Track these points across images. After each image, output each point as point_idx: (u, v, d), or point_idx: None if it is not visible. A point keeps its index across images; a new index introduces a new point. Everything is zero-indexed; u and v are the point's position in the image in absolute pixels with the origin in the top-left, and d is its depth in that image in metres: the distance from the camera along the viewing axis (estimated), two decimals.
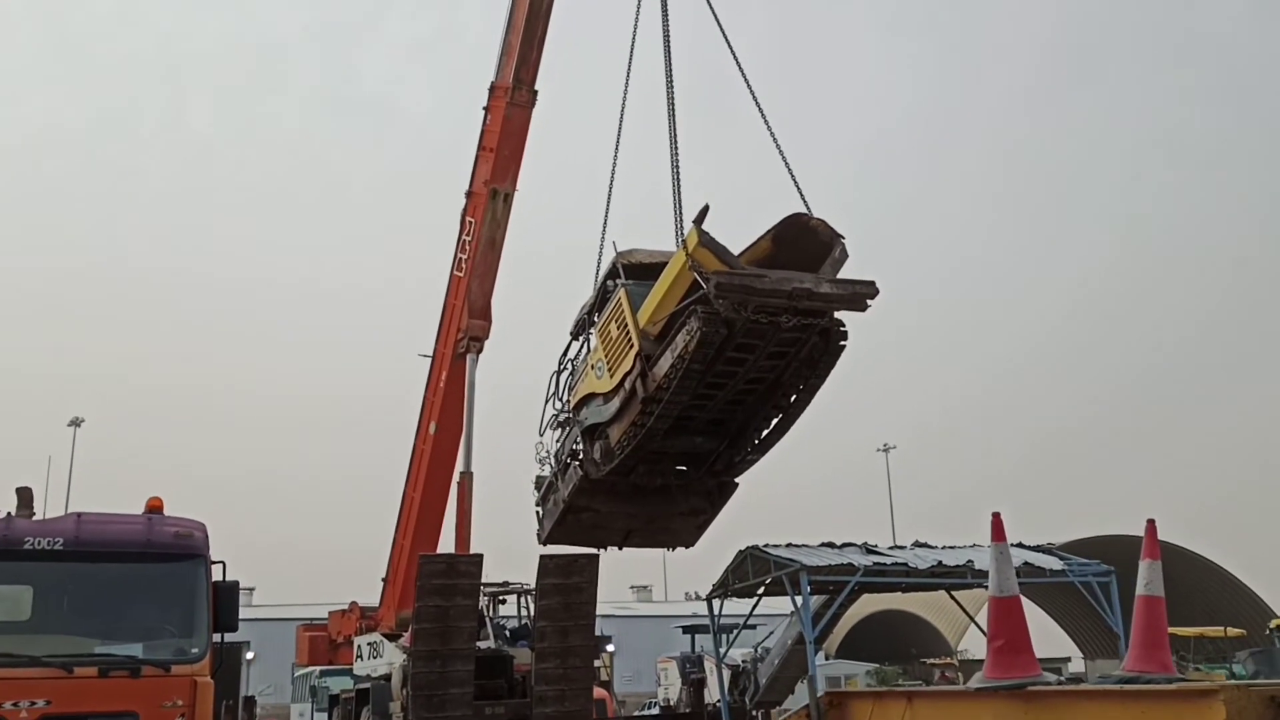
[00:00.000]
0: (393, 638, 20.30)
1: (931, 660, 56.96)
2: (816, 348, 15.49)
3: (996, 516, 6.74)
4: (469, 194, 21.36)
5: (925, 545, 24.69)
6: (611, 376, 16.06)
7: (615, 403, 16.07)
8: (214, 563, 10.08)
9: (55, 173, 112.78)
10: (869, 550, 23.40)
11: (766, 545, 22.46)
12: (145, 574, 9.90)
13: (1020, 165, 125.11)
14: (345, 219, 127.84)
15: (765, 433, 17.02)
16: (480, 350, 21.00)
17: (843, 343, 15.48)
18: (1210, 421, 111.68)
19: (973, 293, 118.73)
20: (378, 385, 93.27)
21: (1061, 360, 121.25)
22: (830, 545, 23.38)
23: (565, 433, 18.06)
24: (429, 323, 22.32)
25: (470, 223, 21.19)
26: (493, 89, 21.13)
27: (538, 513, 19.04)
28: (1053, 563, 23.61)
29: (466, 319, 20.87)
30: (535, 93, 20.95)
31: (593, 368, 16.66)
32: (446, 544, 21.09)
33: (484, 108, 21.30)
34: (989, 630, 6.56)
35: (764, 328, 14.54)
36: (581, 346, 17.80)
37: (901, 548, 24.92)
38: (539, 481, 18.99)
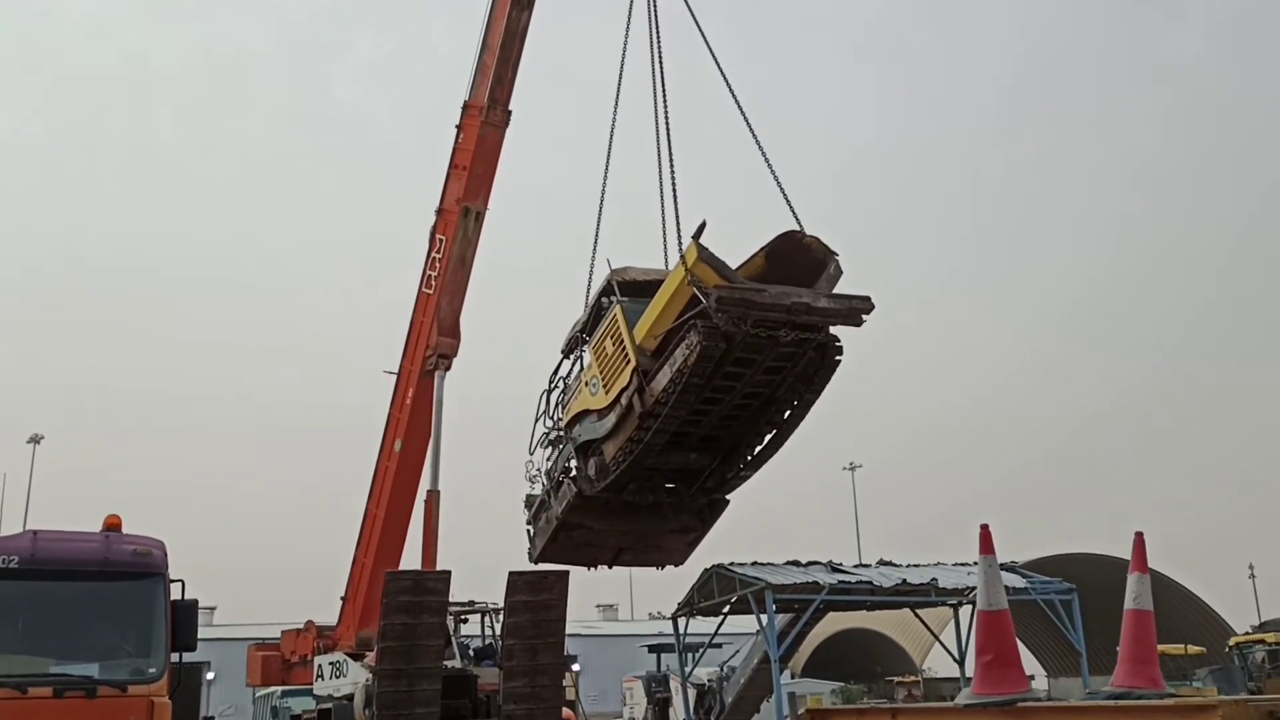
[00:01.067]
0: (356, 657, 20.08)
1: (897, 679, 57.11)
2: (812, 362, 15.66)
3: (985, 529, 6.66)
4: (439, 211, 21.33)
5: (890, 564, 24.83)
6: (607, 393, 16.17)
7: (611, 418, 16.13)
8: (173, 581, 9.92)
9: (17, 184, 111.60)
10: (834, 569, 23.51)
11: (732, 564, 22.51)
12: (102, 593, 9.75)
13: (990, 191, 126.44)
14: (311, 232, 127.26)
15: (758, 449, 17.09)
16: (448, 368, 21.00)
17: (838, 357, 15.64)
18: (1173, 447, 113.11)
19: (944, 318, 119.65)
20: (345, 399, 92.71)
21: (1030, 386, 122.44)
22: (796, 564, 23.46)
23: (558, 450, 18.06)
24: (392, 337, 22.23)
25: (440, 240, 21.17)
26: (466, 107, 21.15)
27: (529, 531, 19.01)
28: (1015, 580, 23.81)
29: (436, 336, 20.85)
30: (509, 112, 21.06)
31: (586, 385, 16.71)
32: (410, 562, 20.91)
33: (456, 125, 21.32)
34: (977, 645, 6.50)
35: (762, 342, 14.67)
36: (573, 365, 17.98)
37: (867, 566, 25.05)
38: (529, 500, 18.97)
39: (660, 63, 17.73)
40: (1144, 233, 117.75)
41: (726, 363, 15.02)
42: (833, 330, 15.49)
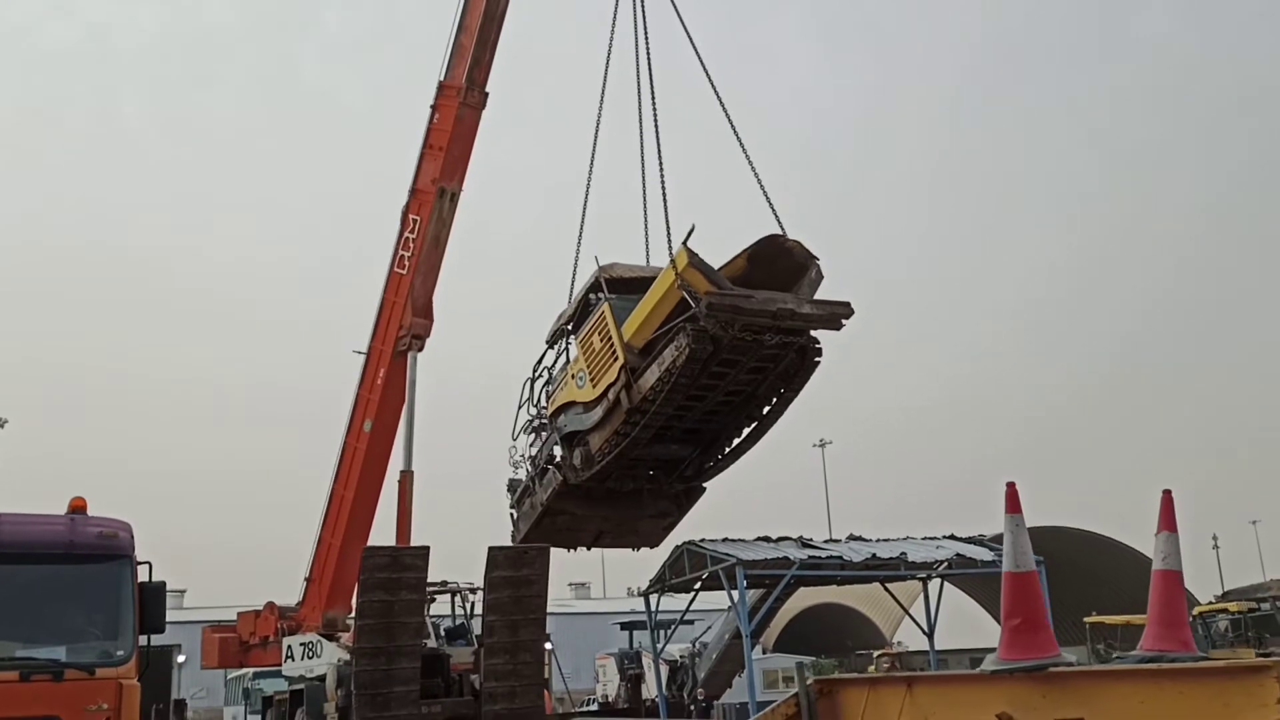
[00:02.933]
0: (330, 638, 20.04)
1: (879, 651, 57.48)
2: (793, 363, 16.38)
3: (1011, 487, 6.24)
4: (413, 191, 21.18)
5: (860, 539, 24.99)
6: (594, 386, 16.66)
7: (598, 412, 16.70)
8: (140, 563, 9.86)
9: None
10: (805, 544, 23.64)
11: (703, 540, 22.59)
12: (68, 576, 9.68)
13: (958, 170, 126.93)
14: (278, 211, 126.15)
15: (737, 441, 17.92)
16: (421, 348, 20.92)
17: (817, 359, 16.39)
18: (1141, 423, 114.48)
19: (914, 294, 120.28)
20: (311, 380, 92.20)
21: (997, 366, 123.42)
22: (766, 539, 23.59)
23: (543, 439, 18.69)
24: (359, 316, 22.10)
25: (415, 220, 21.01)
26: (442, 88, 20.99)
27: (512, 514, 19.67)
28: (984, 554, 24.02)
29: (410, 316, 20.76)
30: (486, 94, 20.99)
31: (573, 377, 17.26)
32: (378, 542, 20.84)
33: (431, 105, 21.14)
34: (1005, 608, 6.14)
35: (748, 344, 15.37)
36: (558, 356, 18.34)
37: (837, 541, 25.20)
38: (512, 485, 19.64)
39: (650, 73, 18.04)
40: (1111, 211, 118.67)
41: (713, 363, 15.67)
42: (812, 333, 16.24)
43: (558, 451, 18.09)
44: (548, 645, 20.66)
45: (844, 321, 15.68)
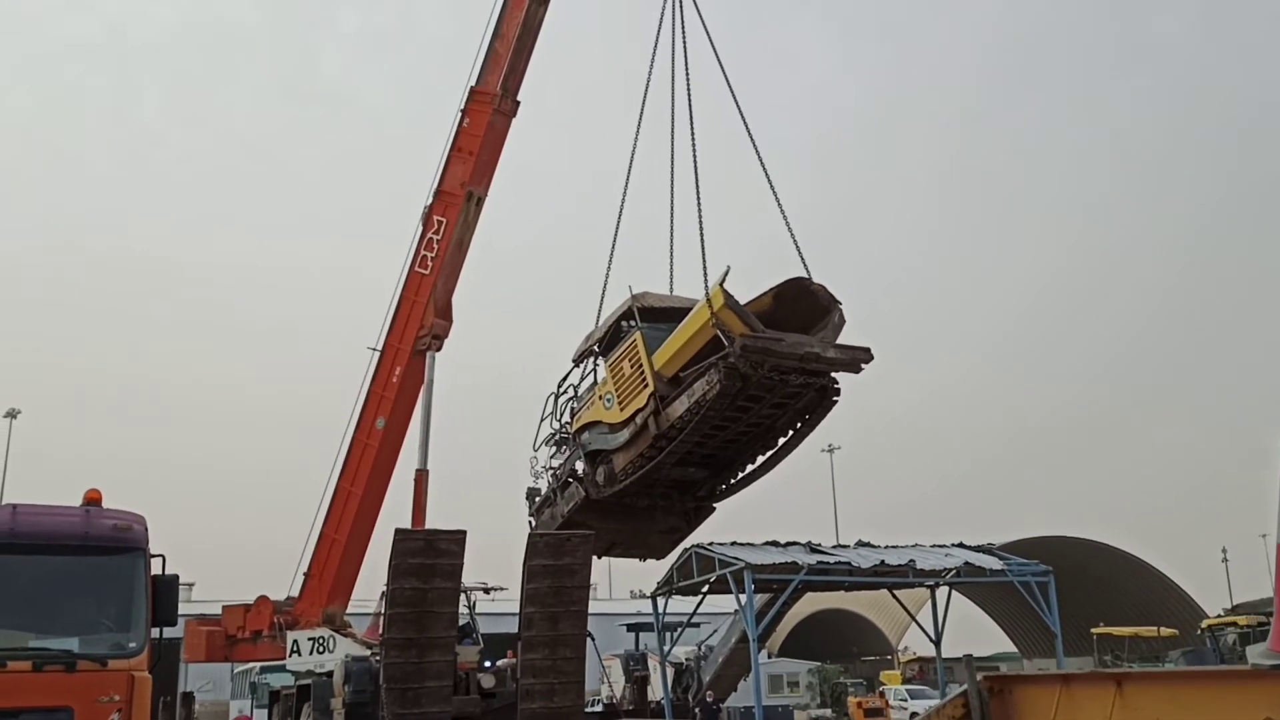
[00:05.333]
0: (341, 633, 20.09)
1: (906, 658, 57.29)
2: (812, 401, 17.36)
3: None
4: (439, 192, 21.29)
5: (868, 545, 24.99)
6: (622, 409, 17.55)
7: (624, 434, 17.68)
8: (153, 556, 9.90)
9: None
10: (813, 549, 23.64)
11: (711, 544, 22.61)
12: (82, 567, 9.71)
13: (968, 173, 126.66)
14: (293, 209, 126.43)
15: (750, 469, 18.80)
16: (439, 348, 21.09)
17: (835, 398, 17.39)
18: (1149, 431, 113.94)
19: (921, 299, 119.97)
20: (318, 378, 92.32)
21: (1006, 369, 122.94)
22: (775, 544, 23.62)
23: (566, 453, 19.47)
24: (368, 315, 22.22)
25: (440, 222, 21.14)
26: (474, 93, 21.15)
27: (530, 523, 20.09)
28: (992, 562, 24.01)
29: (432, 317, 20.90)
30: (518, 102, 21.20)
31: (601, 398, 18.20)
32: (380, 540, 20.90)
33: (461, 109, 21.27)
34: (1278, 595, 5.37)
35: (774, 383, 16.30)
36: (584, 376, 19.34)
37: (845, 547, 25.21)
38: (531, 493, 20.21)
39: (690, 110, 18.71)
40: (1122, 213, 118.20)
41: (740, 398, 16.58)
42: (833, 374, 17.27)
43: (579, 467, 19.00)
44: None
45: (863, 366, 16.62)
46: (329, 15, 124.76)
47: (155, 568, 9.90)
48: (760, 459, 18.53)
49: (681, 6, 18.64)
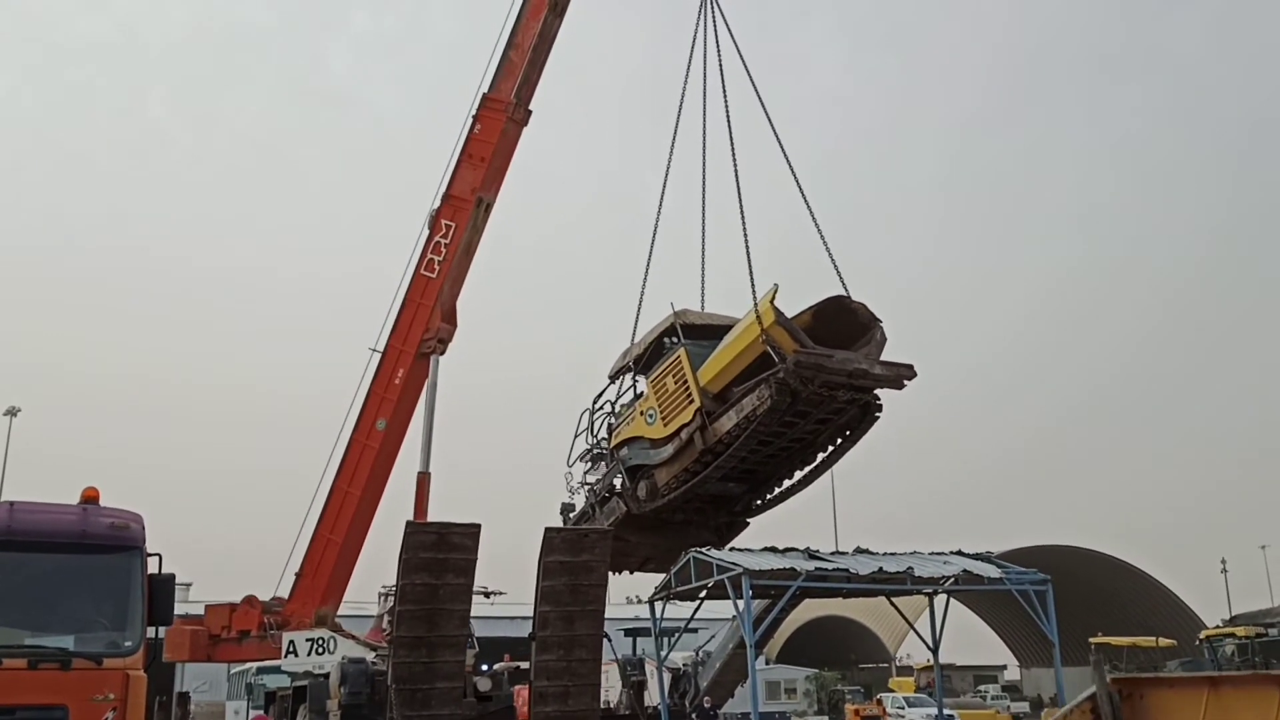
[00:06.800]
0: (341, 633, 20.06)
1: (918, 665, 57.16)
2: (855, 417, 17.86)
3: None
4: (448, 197, 21.39)
5: (867, 552, 24.90)
6: (665, 425, 17.90)
7: (668, 449, 17.98)
8: (150, 555, 9.87)
9: (3, 154, 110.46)
10: (811, 555, 23.55)
11: (709, 549, 22.54)
12: (79, 565, 9.67)
13: (972, 181, 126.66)
14: (297, 210, 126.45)
15: (788, 484, 19.28)
16: (444, 351, 21.20)
17: (878, 414, 17.84)
18: (1148, 442, 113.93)
19: (921, 308, 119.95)
20: (315, 380, 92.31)
21: (1006, 378, 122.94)
22: (773, 550, 23.51)
23: (605, 469, 19.79)
24: (365, 317, 22.31)
25: (449, 226, 21.26)
26: (487, 100, 21.31)
27: None
28: (990, 571, 23.90)
29: (438, 320, 20.99)
30: (530, 111, 21.37)
31: (642, 414, 18.50)
32: (381, 542, 20.91)
33: (473, 116, 21.39)
34: None
35: (822, 398, 16.73)
36: (620, 392, 19.66)
37: (844, 554, 25.10)
38: (565, 509, 20.65)
39: (731, 140, 19.05)
40: (1127, 224, 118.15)
41: (788, 413, 16.87)
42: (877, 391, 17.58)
43: (617, 482, 19.34)
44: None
45: (906, 382, 17.02)
46: (340, 15, 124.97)
47: (152, 567, 9.87)
48: (798, 474, 18.95)
49: (716, 27, 18.94)
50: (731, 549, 23.08)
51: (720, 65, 19.03)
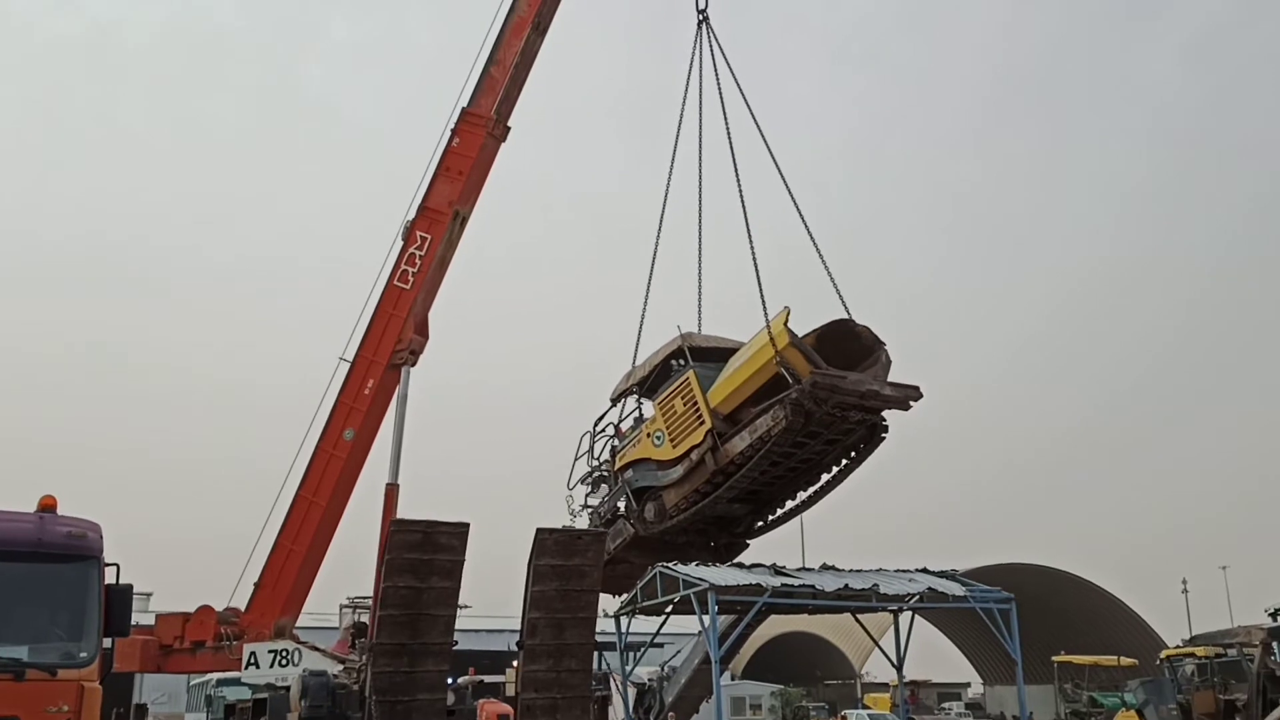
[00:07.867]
0: (302, 643, 19.82)
1: (910, 681, 57.20)
2: (862, 438, 18.18)
3: None
4: (424, 209, 21.33)
5: (833, 568, 24.96)
6: (674, 447, 18.10)
7: (678, 470, 18.11)
8: (107, 565, 9.72)
9: None
10: (777, 571, 23.57)
11: (675, 563, 22.51)
12: (35, 574, 9.50)
13: (961, 201, 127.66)
14: (273, 209, 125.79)
15: (791, 505, 19.53)
16: (415, 363, 21.08)
17: (884, 435, 18.03)
18: (1117, 467, 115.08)
19: (900, 331, 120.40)
20: (293, 381, 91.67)
21: (979, 405, 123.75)
22: (739, 565, 23.52)
23: (609, 491, 19.75)
24: (336, 319, 22.20)
25: (424, 238, 21.19)
26: (467, 115, 21.35)
27: None
28: (955, 588, 24.01)
29: (410, 332, 20.90)
30: (509, 128, 21.48)
31: (649, 435, 18.65)
32: (354, 554, 20.73)
33: (452, 129, 21.40)
34: None
35: (834, 419, 17.04)
36: (622, 415, 19.86)
37: (810, 570, 25.14)
38: None
39: (735, 169, 19.41)
40: (1115, 250, 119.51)
41: (800, 434, 17.17)
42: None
43: (622, 504, 19.49)
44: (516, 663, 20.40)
45: (912, 403, 17.28)
46: (318, 22, 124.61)
47: (110, 577, 9.73)
48: (801, 495, 19.17)
49: (713, 51, 19.26)
50: (698, 564, 23.08)
51: (719, 89, 19.40)
